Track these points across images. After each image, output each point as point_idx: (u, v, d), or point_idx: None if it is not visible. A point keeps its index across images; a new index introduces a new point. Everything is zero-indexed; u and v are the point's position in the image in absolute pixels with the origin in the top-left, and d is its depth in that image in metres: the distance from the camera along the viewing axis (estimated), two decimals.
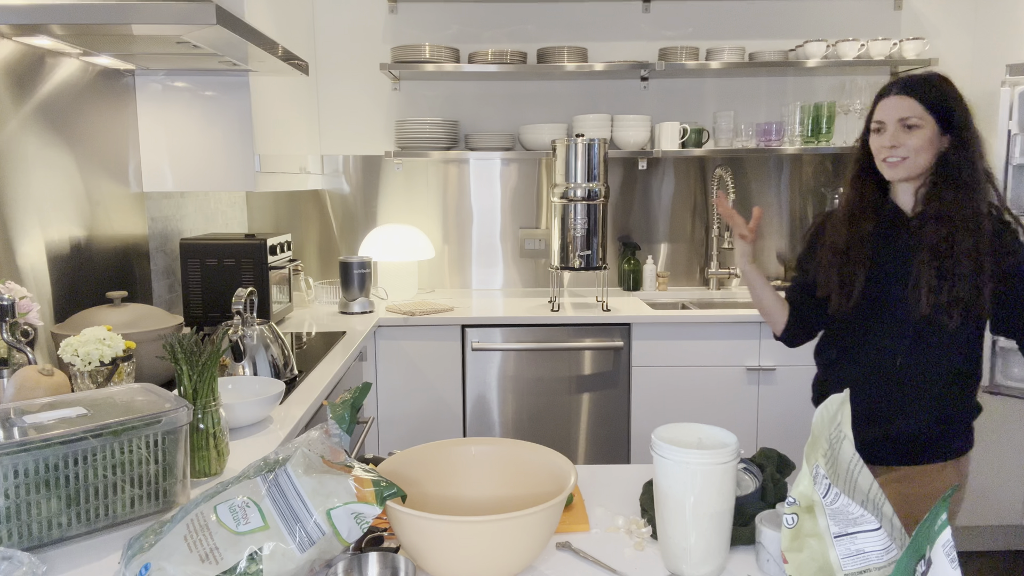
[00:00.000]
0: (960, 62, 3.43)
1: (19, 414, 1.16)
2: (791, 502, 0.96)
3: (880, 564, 0.92)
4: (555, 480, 1.14)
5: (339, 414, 1.17)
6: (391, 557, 1.00)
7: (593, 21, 3.40)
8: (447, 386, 2.94)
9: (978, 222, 1.59)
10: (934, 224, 1.62)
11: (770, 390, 2.91)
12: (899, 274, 1.66)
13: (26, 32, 1.79)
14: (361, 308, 3.02)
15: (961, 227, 1.59)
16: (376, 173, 3.48)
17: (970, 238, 1.58)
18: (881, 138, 1.69)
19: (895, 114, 1.66)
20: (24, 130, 1.92)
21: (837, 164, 3.47)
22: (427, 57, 3.16)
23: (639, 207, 3.50)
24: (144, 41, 1.94)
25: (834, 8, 3.40)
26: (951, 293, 1.58)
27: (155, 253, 2.62)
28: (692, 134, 3.28)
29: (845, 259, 1.72)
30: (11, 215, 1.86)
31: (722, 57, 3.22)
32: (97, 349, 1.50)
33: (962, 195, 1.61)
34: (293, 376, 2.05)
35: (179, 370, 1.31)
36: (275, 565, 0.94)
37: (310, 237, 3.52)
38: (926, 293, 1.60)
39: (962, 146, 1.63)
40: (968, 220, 1.59)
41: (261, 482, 1.00)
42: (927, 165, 1.65)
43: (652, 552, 1.13)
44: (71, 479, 1.10)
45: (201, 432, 1.33)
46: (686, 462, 1.01)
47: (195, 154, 2.50)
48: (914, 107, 1.65)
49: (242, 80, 2.45)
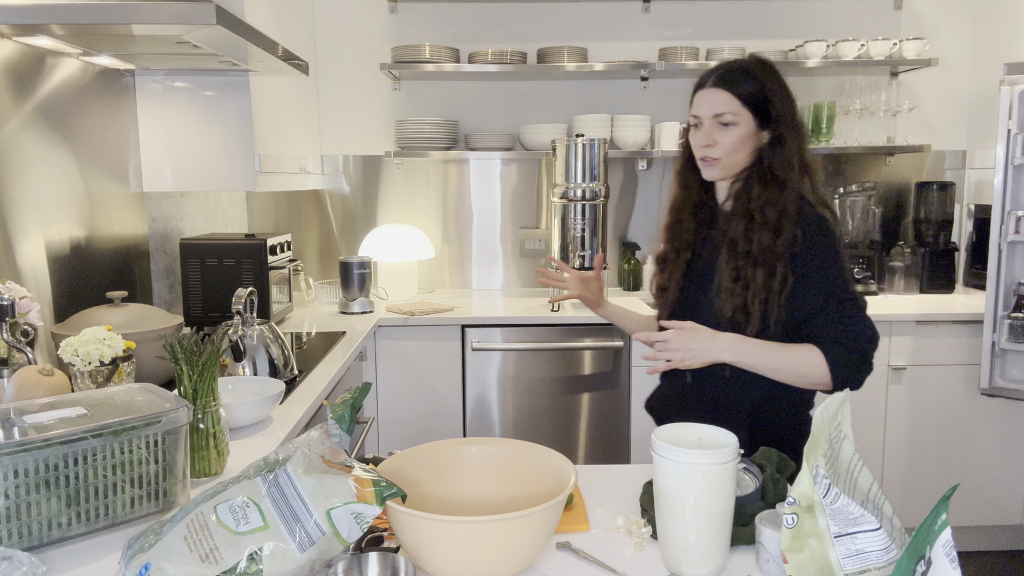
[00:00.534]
0: (960, 62, 3.43)
1: (19, 414, 1.16)
2: (791, 502, 0.96)
3: (880, 564, 0.92)
4: (555, 480, 1.14)
5: (339, 414, 1.17)
6: (391, 557, 1.00)
7: (593, 21, 3.40)
8: (447, 386, 2.94)
9: (780, 221, 1.48)
10: (736, 221, 1.52)
11: None
12: (708, 275, 1.57)
13: (26, 32, 1.79)
14: (361, 308, 3.02)
15: (760, 225, 1.48)
16: (376, 173, 3.48)
17: (768, 236, 1.47)
18: (697, 135, 1.57)
19: (709, 109, 1.53)
20: (24, 130, 1.92)
21: (837, 164, 3.47)
22: (427, 57, 3.16)
23: (639, 207, 3.50)
24: (144, 41, 1.94)
25: (834, 8, 3.40)
26: (744, 296, 1.49)
27: (155, 253, 2.62)
28: None
29: (665, 265, 1.66)
30: (11, 215, 1.86)
31: (722, 57, 3.21)
32: (97, 349, 1.50)
33: (769, 192, 1.50)
34: (293, 376, 2.05)
35: (179, 370, 1.31)
36: (275, 565, 0.94)
37: (310, 237, 3.52)
38: (725, 295, 1.51)
39: (779, 142, 1.52)
40: (769, 218, 1.48)
41: (261, 482, 1.00)
42: (745, 163, 1.55)
43: (652, 552, 1.13)
44: (71, 479, 1.10)
45: (201, 432, 1.33)
46: (686, 462, 1.01)
47: (195, 154, 2.50)
48: (729, 102, 1.52)
49: (242, 80, 2.45)
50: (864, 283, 3.23)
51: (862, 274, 3.24)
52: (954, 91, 3.46)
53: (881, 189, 3.46)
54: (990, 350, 2.77)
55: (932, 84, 3.43)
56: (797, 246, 1.48)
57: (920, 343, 2.89)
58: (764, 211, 1.49)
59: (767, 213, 1.49)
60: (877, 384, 2.91)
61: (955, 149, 3.49)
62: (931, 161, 3.49)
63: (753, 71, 1.54)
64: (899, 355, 2.89)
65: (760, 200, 1.50)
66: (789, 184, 1.50)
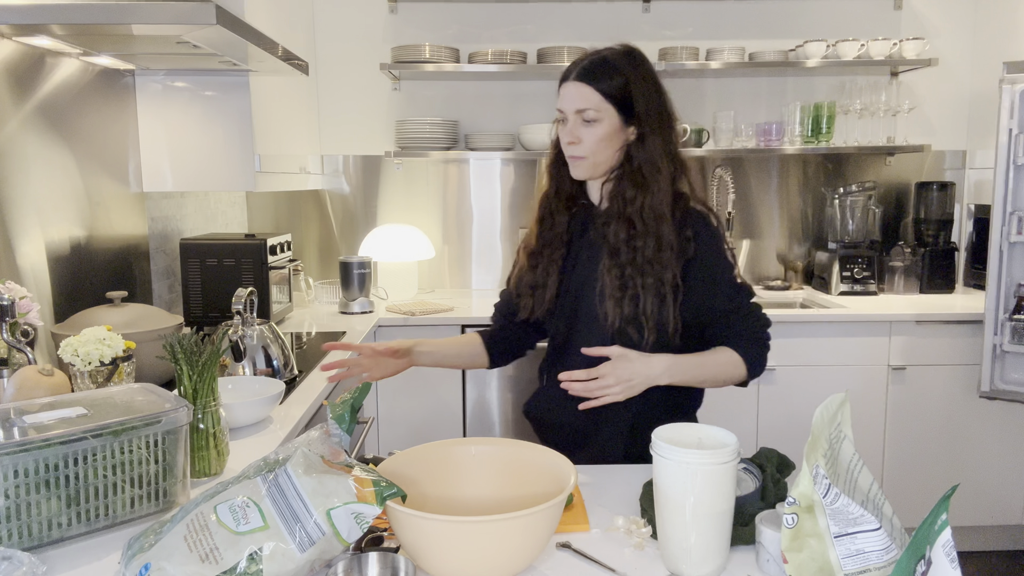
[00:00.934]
0: (960, 62, 3.43)
1: (19, 414, 1.16)
2: (791, 502, 0.96)
3: (880, 564, 0.92)
4: (555, 480, 1.14)
5: (339, 414, 1.17)
6: (391, 557, 1.00)
7: (593, 21, 3.40)
8: (447, 386, 2.94)
9: (659, 226, 1.42)
10: (615, 225, 1.45)
11: (770, 390, 2.91)
12: (590, 279, 1.51)
13: (26, 32, 1.79)
14: (361, 308, 3.02)
15: (642, 232, 1.42)
16: (376, 173, 3.48)
17: (652, 244, 1.42)
18: (562, 130, 1.50)
19: (572, 104, 1.47)
20: (24, 130, 1.92)
21: (837, 164, 3.47)
22: (427, 57, 3.16)
23: None
24: (144, 41, 1.94)
25: (834, 8, 3.40)
26: (635, 306, 1.43)
27: (155, 253, 2.62)
28: (692, 134, 3.28)
29: (539, 259, 1.57)
30: (11, 215, 1.86)
31: (722, 57, 3.22)
32: (97, 349, 1.50)
33: (644, 194, 1.43)
34: (293, 376, 2.05)
35: (179, 370, 1.31)
36: (275, 565, 0.94)
37: (310, 237, 3.52)
38: (611, 305, 1.44)
39: (645, 138, 1.46)
40: (649, 223, 1.42)
41: (261, 482, 1.00)
42: (613, 162, 1.48)
43: (652, 552, 1.13)
44: (71, 479, 1.10)
45: (201, 432, 1.33)
46: (686, 462, 1.01)
47: (195, 154, 2.50)
48: (591, 97, 1.45)
49: (242, 80, 2.45)
50: (864, 283, 3.24)
51: (862, 274, 3.24)
52: (954, 91, 3.46)
53: (881, 189, 3.46)
54: (991, 352, 2.74)
55: (932, 84, 3.43)
56: (690, 251, 1.45)
57: (920, 343, 2.89)
58: (643, 216, 1.43)
59: (646, 219, 1.43)
60: (877, 384, 2.91)
61: (955, 149, 3.49)
62: (931, 161, 3.49)
63: (618, 65, 1.47)
64: (899, 355, 2.89)
65: (636, 204, 1.44)
66: (661, 184, 1.44)
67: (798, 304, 3.33)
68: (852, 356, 2.89)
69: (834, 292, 3.25)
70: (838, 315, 2.90)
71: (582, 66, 1.49)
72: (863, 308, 2.95)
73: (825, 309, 3.02)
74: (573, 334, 1.56)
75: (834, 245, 3.37)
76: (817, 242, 3.51)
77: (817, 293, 3.33)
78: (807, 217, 3.51)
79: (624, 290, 1.43)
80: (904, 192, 3.49)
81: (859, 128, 3.35)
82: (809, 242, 3.53)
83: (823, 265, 3.35)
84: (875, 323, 2.88)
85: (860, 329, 2.88)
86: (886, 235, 3.46)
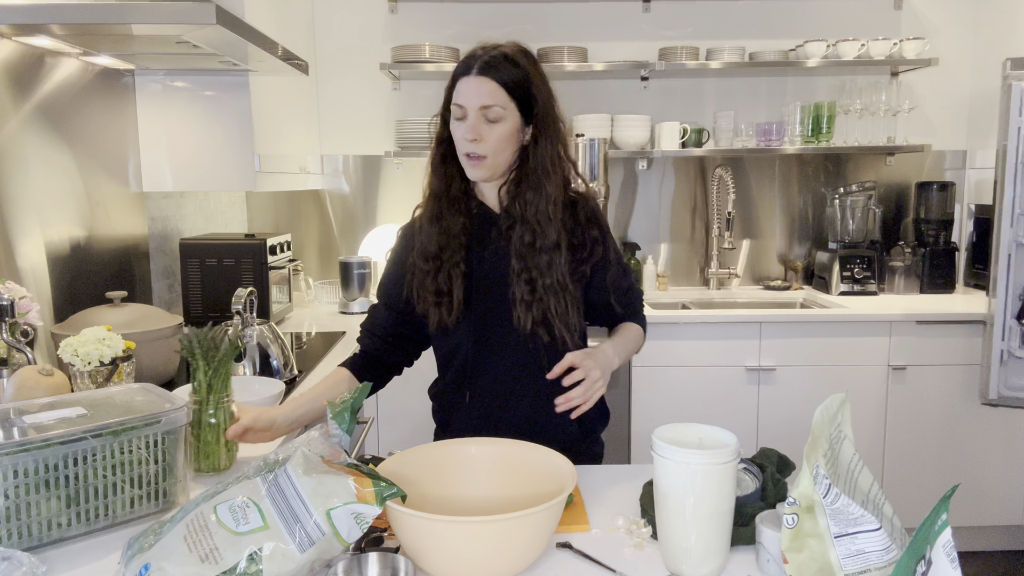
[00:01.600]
0: (960, 62, 3.43)
1: (19, 414, 1.16)
2: (791, 502, 0.96)
3: (880, 564, 0.91)
4: (555, 480, 1.14)
5: (339, 414, 1.17)
6: (391, 557, 1.00)
7: (593, 21, 3.40)
8: None
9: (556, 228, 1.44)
10: (519, 229, 1.44)
11: (770, 390, 2.91)
12: (497, 283, 1.48)
13: (26, 32, 1.79)
14: (361, 308, 3.02)
15: (541, 234, 1.43)
16: (376, 173, 3.48)
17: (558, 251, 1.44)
18: (460, 127, 1.42)
19: (477, 100, 1.39)
20: (24, 130, 1.92)
21: (838, 164, 3.47)
22: (427, 57, 3.16)
23: (639, 207, 3.50)
24: (144, 41, 1.94)
25: (834, 8, 3.40)
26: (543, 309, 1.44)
27: (155, 253, 2.62)
28: (692, 134, 3.28)
29: (439, 264, 1.47)
30: (11, 215, 1.86)
31: (722, 57, 3.21)
32: (97, 349, 1.50)
33: (542, 196, 1.43)
34: (293, 376, 2.05)
35: (195, 365, 1.31)
36: (275, 565, 0.94)
37: (310, 237, 3.52)
38: (523, 309, 1.44)
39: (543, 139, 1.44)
40: (546, 225, 1.43)
41: (261, 482, 1.00)
42: (510, 162, 1.46)
43: (652, 552, 1.13)
44: (71, 479, 1.10)
45: (212, 427, 1.32)
46: (686, 462, 1.01)
47: (195, 154, 2.50)
48: (496, 93, 1.39)
49: (242, 80, 2.45)
50: (864, 283, 3.24)
51: (862, 274, 3.24)
52: (954, 91, 3.46)
53: (881, 189, 3.46)
54: (998, 358, 2.64)
55: (932, 84, 3.43)
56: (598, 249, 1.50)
57: (920, 343, 2.89)
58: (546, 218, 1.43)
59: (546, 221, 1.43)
60: (877, 384, 2.91)
61: (955, 149, 3.49)
62: (931, 161, 3.49)
63: (519, 62, 1.42)
64: (899, 355, 2.89)
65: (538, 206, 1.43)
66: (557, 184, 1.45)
67: (798, 304, 3.33)
68: (852, 356, 2.89)
69: (834, 292, 3.25)
70: (838, 315, 2.90)
71: (484, 60, 1.40)
72: (863, 308, 2.95)
73: (825, 309, 3.02)
74: (485, 342, 1.51)
75: (834, 245, 3.37)
76: (817, 242, 3.51)
77: (817, 293, 3.33)
78: (807, 217, 3.51)
79: (533, 294, 1.44)
80: (904, 192, 3.49)
81: (859, 128, 3.35)
82: (809, 242, 3.53)
83: (823, 265, 3.35)
84: (875, 323, 2.88)
85: (860, 329, 2.88)
86: (886, 235, 3.46)
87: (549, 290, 1.44)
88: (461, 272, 1.47)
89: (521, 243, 1.44)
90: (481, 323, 1.50)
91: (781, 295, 3.40)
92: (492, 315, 1.49)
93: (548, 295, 1.44)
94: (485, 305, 1.50)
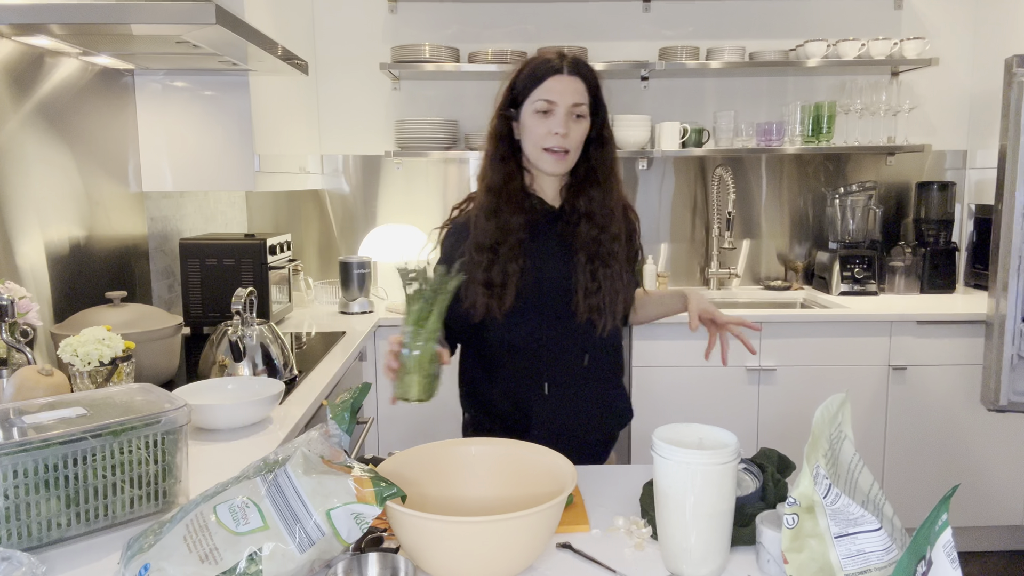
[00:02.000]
0: (961, 61, 3.43)
1: (19, 414, 1.15)
2: (791, 502, 0.96)
3: (880, 564, 0.91)
4: (555, 480, 1.14)
5: (339, 414, 1.17)
6: (391, 557, 1.00)
7: (593, 21, 3.40)
8: (447, 386, 2.92)
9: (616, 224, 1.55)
10: (586, 224, 1.54)
11: (770, 390, 2.90)
12: (556, 275, 1.55)
13: (26, 32, 1.79)
14: (361, 308, 3.02)
15: (605, 229, 1.53)
16: (376, 173, 3.48)
17: (613, 241, 1.54)
18: (550, 121, 1.47)
19: (569, 98, 1.46)
20: (24, 130, 1.92)
21: (837, 164, 3.47)
22: (427, 57, 3.16)
23: (639, 207, 3.49)
24: (144, 41, 1.93)
25: (834, 8, 3.40)
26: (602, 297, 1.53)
27: (155, 253, 2.62)
28: (692, 134, 3.28)
29: (493, 257, 1.51)
30: (11, 215, 1.86)
31: (722, 57, 3.21)
32: (96, 349, 1.50)
33: (604, 194, 1.53)
34: (293, 376, 2.05)
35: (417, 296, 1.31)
36: (275, 565, 0.94)
37: (310, 237, 3.52)
38: (583, 297, 1.53)
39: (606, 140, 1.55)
40: (608, 221, 1.53)
41: (261, 482, 1.00)
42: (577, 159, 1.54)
43: (652, 552, 1.13)
44: (70, 479, 1.10)
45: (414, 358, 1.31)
46: (686, 462, 1.01)
47: (195, 154, 2.50)
48: (584, 93, 1.49)
49: (242, 80, 2.45)
50: (864, 283, 3.24)
51: (862, 274, 3.24)
52: (955, 91, 3.46)
53: (881, 189, 3.46)
54: (1008, 363, 2.58)
55: (932, 84, 3.43)
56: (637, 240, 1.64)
57: (920, 343, 2.89)
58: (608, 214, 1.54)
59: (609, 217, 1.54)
60: (878, 384, 2.91)
61: (956, 149, 3.48)
62: (931, 161, 3.49)
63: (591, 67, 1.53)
64: (899, 355, 2.89)
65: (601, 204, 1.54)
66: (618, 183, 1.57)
67: (798, 304, 3.33)
68: (852, 356, 2.89)
69: (834, 292, 3.25)
70: (838, 315, 2.90)
71: (571, 60, 1.49)
72: (863, 308, 2.95)
73: (825, 309, 3.02)
74: (542, 332, 1.58)
75: (834, 245, 3.37)
76: (817, 242, 3.51)
77: (817, 293, 3.33)
78: (807, 217, 3.51)
79: (594, 283, 1.53)
80: (904, 192, 3.49)
81: (859, 128, 3.35)
82: (809, 242, 3.53)
83: (823, 265, 3.35)
84: (875, 323, 2.88)
85: (860, 329, 2.88)
86: (886, 235, 3.46)
87: (607, 280, 1.54)
88: (519, 267, 1.52)
89: (588, 237, 1.53)
90: (536, 314, 1.56)
91: (781, 295, 3.40)
92: (547, 306, 1.56)
93: (607, 284, 1.54)
94: (540, 297, 1.56)
